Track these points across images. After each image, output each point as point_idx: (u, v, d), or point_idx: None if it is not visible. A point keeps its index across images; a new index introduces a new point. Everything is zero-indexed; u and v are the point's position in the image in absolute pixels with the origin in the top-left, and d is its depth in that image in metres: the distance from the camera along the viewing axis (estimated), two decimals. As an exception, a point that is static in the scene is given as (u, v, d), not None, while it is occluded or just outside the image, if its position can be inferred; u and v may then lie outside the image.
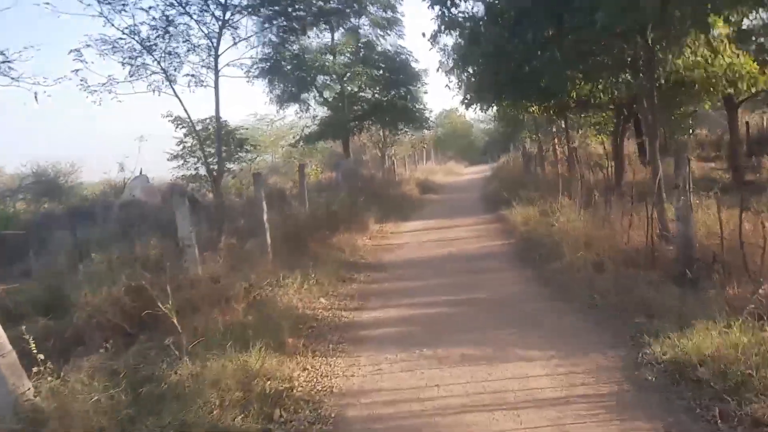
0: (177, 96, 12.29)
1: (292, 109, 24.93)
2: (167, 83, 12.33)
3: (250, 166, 39.07)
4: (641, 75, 9.68)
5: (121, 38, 11.59)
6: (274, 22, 22.36)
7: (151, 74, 12.32)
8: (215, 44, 12.31)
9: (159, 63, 12.19)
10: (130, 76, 12.19)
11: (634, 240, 8.19)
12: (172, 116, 21.16)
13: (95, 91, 11.60)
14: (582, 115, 18.67)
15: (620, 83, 10.72)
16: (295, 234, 11.25)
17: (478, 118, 61.39)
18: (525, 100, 12.16)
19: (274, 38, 23.82)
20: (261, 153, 41.12)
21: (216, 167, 21.58)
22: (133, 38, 11.88)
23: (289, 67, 23.75)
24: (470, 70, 12.49)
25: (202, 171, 21.71)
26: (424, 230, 13.68)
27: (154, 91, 12.56)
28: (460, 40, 11.83)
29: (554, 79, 9.98)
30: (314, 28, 24.47)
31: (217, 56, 12.27)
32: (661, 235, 8.35)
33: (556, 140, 21.74)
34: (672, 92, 12.03)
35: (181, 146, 21.78)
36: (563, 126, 21.07)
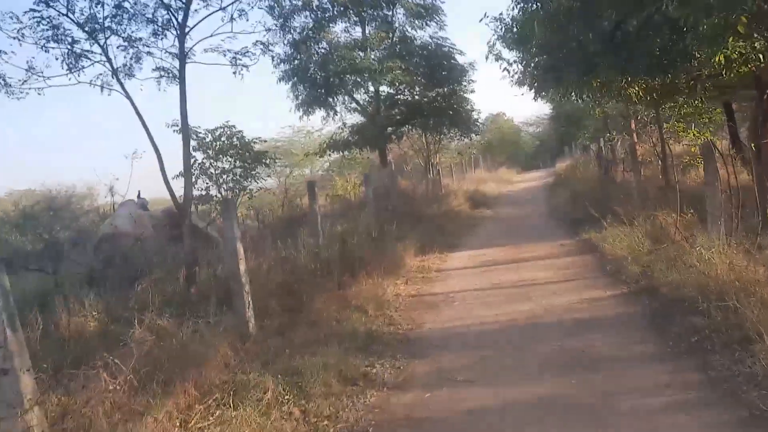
0: (128, 96, 8.55)
1: (319, 116, 21.25)
2: (116, 78, 8.64)
3: (284, 181, 35.73)
4: None
5: (35, 9, 7.91)
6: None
7: (91, 64, 8.67)
8: (180, 18, 8.58)
9: (103, 50, 8.53)
10: (69, 71, 8.61)
11: None
12: (178, 126, 17.81)
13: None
14: (670, 105, 14.36)
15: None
16: (293, 287, 7.41)
17: (527, 121, 57.18)
18: (628, 75, 8.04)
19: (296, 36, 20.54)
20: (296, 167, 37.79)
21: (230, 186, 18.06)
22: (68, 16, 8.29)
23: (313, 68, 20.14)
24: (542, 39, 8.45)
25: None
26: (482, 267, 9.61)
27: (102, 88, 8.93)
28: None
29: (706, 32, 5.94)
30: (342, 21, 20.97)
31: (183, 34, 8.55)
32: None
33: (635, 137, 17.39)
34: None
35: (192, 162, 18.37)
36: (646, 119, 16.76)
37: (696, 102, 13.94)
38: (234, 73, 10.01)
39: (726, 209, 7.49)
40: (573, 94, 9.59)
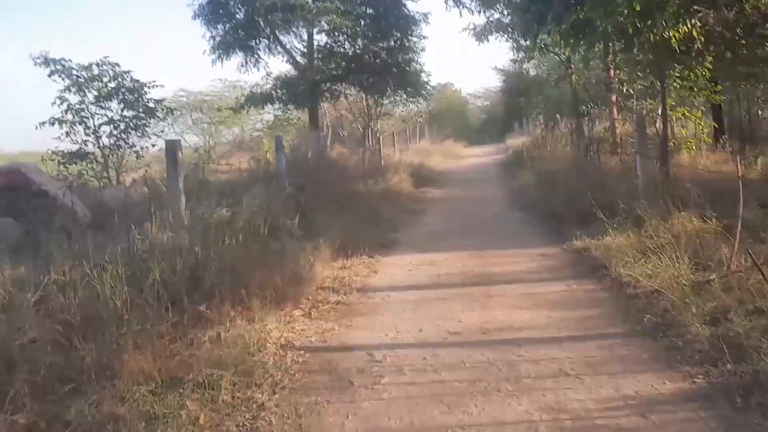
0: None
1: (235, 62, 17.45)
2: None
3: (209, 140, 31.47)
4: None
5: None
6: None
7: None
8: None
9: None
10: None
11: None
12: (43, 59, 13.68)
13: None
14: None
15: None
16: (72, 339, 3.84)
17: (475, 93, 54.23)
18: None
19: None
20: (222, 124, 33.64)
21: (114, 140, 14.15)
22: None
23: (233, 2, 16.22)
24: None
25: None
26: (428, 287, 6.17)
27: None
28: None
29: None
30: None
31: None
32: None
33: (616, 114, 14.26)
34: None
35: (63, 106, 14.25)
36: (632, 92, 13.63)
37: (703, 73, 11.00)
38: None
39: None
40: (581, 35, 6.16)
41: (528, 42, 11.19)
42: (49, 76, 14.07)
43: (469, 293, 5.83)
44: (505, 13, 11.77)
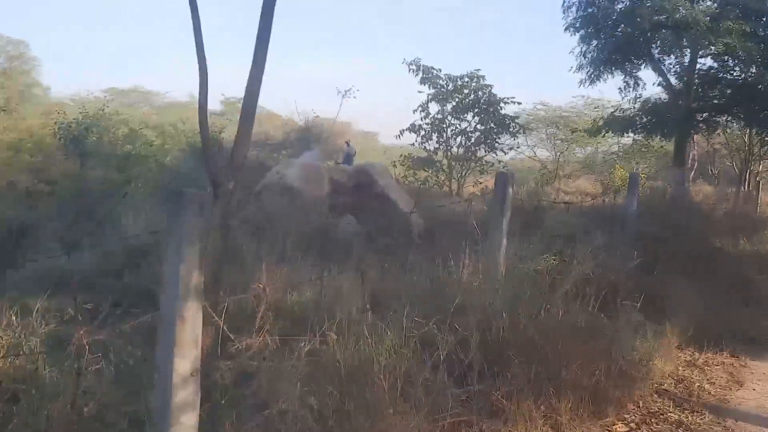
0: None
1: (612, 84, 15.95)
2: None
3: (558, 157, 30.34)
4: None
5: None
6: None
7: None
8: None
9: None
10: None
11: None
12: (416, 66, 14.12)
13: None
14: None
15: None
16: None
17: None
18: None
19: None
20: (575, 143, 32.17)
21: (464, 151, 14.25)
22: None
23: (615, 17, 14.78)
24: None
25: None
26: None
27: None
28: None
29: None
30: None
31: None
32: None
33: None
34: None
35: (423, 113, 14.62)
36: None
37: None
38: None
39: None
40: None
41: None
42: (421, 83, 14.59)
43: None
44: None
